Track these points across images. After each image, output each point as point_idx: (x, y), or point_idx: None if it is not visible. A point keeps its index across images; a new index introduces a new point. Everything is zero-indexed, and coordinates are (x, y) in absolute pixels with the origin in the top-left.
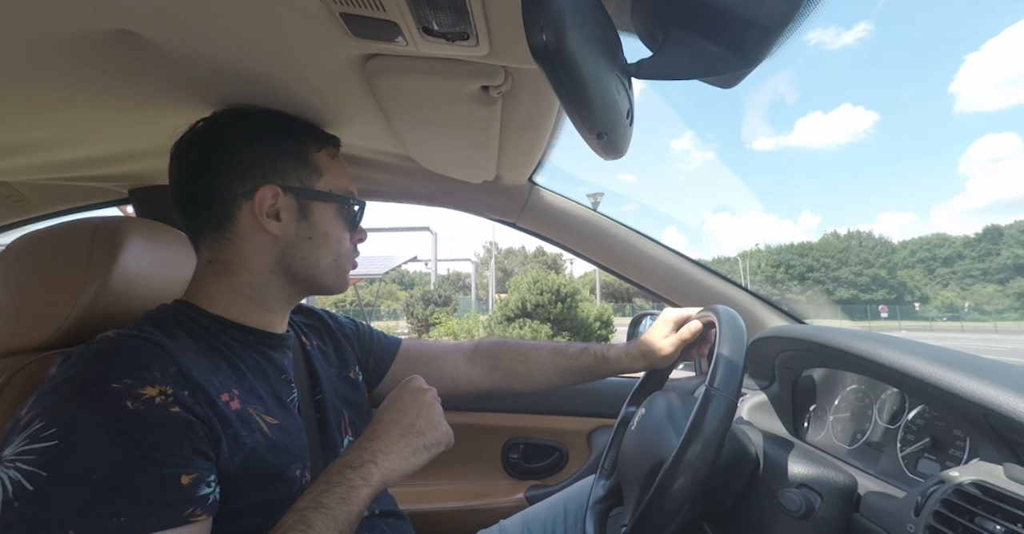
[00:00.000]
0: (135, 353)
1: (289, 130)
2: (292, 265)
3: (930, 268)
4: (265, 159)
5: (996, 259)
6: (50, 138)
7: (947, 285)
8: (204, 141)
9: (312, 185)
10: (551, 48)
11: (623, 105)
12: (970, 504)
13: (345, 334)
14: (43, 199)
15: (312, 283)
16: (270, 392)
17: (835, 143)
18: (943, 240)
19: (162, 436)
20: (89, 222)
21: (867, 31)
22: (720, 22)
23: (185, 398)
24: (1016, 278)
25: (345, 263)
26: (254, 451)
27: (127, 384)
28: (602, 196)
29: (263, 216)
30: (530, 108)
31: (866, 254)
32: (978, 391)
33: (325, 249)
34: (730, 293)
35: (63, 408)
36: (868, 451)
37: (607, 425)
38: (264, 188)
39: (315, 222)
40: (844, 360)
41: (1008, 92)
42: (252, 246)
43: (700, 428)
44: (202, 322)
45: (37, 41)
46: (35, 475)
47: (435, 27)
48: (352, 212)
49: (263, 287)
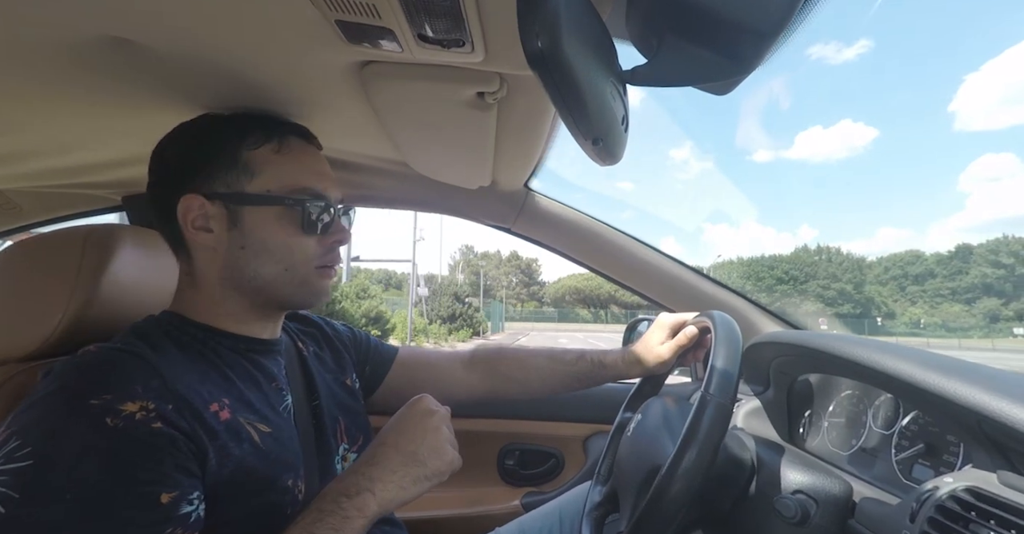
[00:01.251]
0: (117, 367)
1: (220, 130)
2: (236, 278)
3: (901, 286)
4: (190, 166)
5: (964, 278)
6: (43, 145)
7: (915, 303)
8: (154, 153)
9: (242, 188)
10: (546, 54)
11: (618, 111)
12: (964, 510)
13: (342, 341)
14: (36, 207)
15: (267, 297)
16: (262, 400)
17: (835, 158)
18: (915, 257)
19: (141, 453)
20: (80, 230)
21: (867, 47)
22: (714, 29)
23: (168, 412)
24: (982, 298)
25: (303, 272)
26: (243, 462)
27: (106, 400)
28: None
29: (190, 228)
30: (525, 114)
31: (834, 269)
32: (972, 397)
33: (265, 258)
34: (726, 298)
35: (39, 426)
36: (863, 457)
37: (603, 431)
38: (185, 197)
39: (247, 229)
40: (839, 366)
41: (1007, 112)
42: (200, 259)
43: (696, 434)
44: (189, 331)
45: (29, 48)
46: (7, 497)
47: (430, 34)
48: (305, 213)
49: (224, 300)
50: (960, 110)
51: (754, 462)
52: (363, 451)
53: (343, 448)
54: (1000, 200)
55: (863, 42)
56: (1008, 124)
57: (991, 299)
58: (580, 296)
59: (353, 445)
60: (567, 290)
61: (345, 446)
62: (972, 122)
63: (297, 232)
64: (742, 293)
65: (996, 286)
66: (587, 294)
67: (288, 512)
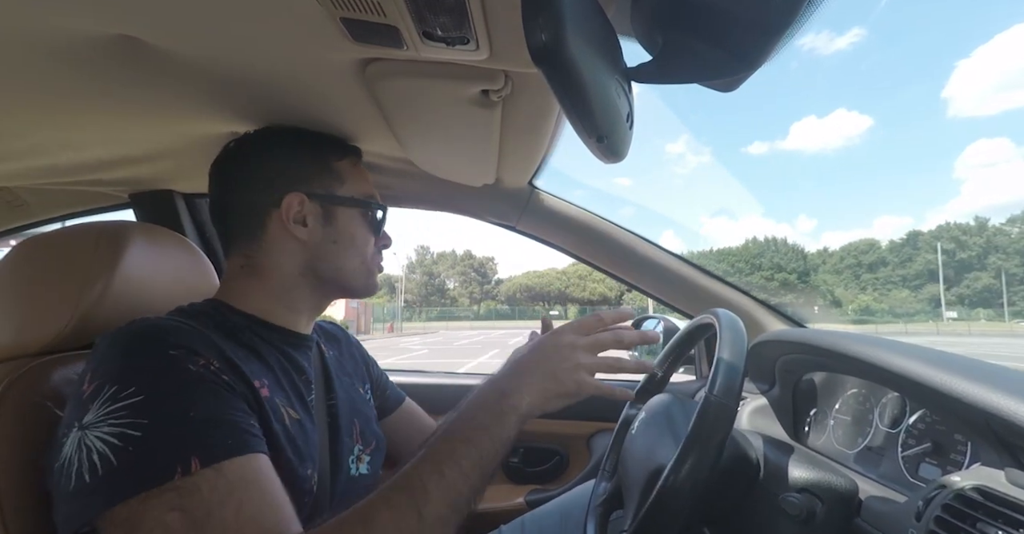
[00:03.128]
0: (177, 331)
1: (310, 142)
2: (319, 268)
3: (856, 274)
4: (289, 170)
5: (912, 265)
6: (51, 143)
7: (865, 289)
8: (235, 157)
9: (335, 191)
10: (551, 52)
11: (623, 109)
12: (972, 509)
13: (364, 356)
14: (44, 204)
15: (339, 285)
16: (293, 389)
17: (830, 147)
18: (869, 246)
19: (227, 390)
20: (92, 226)
21: (860, 36)
22: (719, 26)
23: (229, 374)
24: (927, 284)
25: (371, 266)
26: (277, 438)
27: (182, 352)
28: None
29: (290, 222)
30: (530, 112)
31: (779, 259)
32: (980, 395)
33: (352, 252)
34: (731, 296)
35: (133, 370)
36: (869, 455)
37: (607, 429)
38: (290, 196)
39: (340, 226)
40: (845, 364)
41: (999, 98)
42: (281, 251)
43: (700, 433)
44: (231, 318)
45: (38, 46)
46: (137, 424)
47: (435, 31)
48: (375, 217)
49: (292, 289)
50: (953, 97)
51: (760, 460)
52: (376, 455)
53: (358, 448)
54: (995, 185)
55: (856, 30)
56: (1000, 109)
57: (935, 285)
58: (531, 293)
59: (367, 447)
60: (518, 288)
61: (360, 447)
62: (965, 108)
63: (369, 232)
64: (747, 291)
65: (939, 272)
66: (538, 291)
67: (304, 501)
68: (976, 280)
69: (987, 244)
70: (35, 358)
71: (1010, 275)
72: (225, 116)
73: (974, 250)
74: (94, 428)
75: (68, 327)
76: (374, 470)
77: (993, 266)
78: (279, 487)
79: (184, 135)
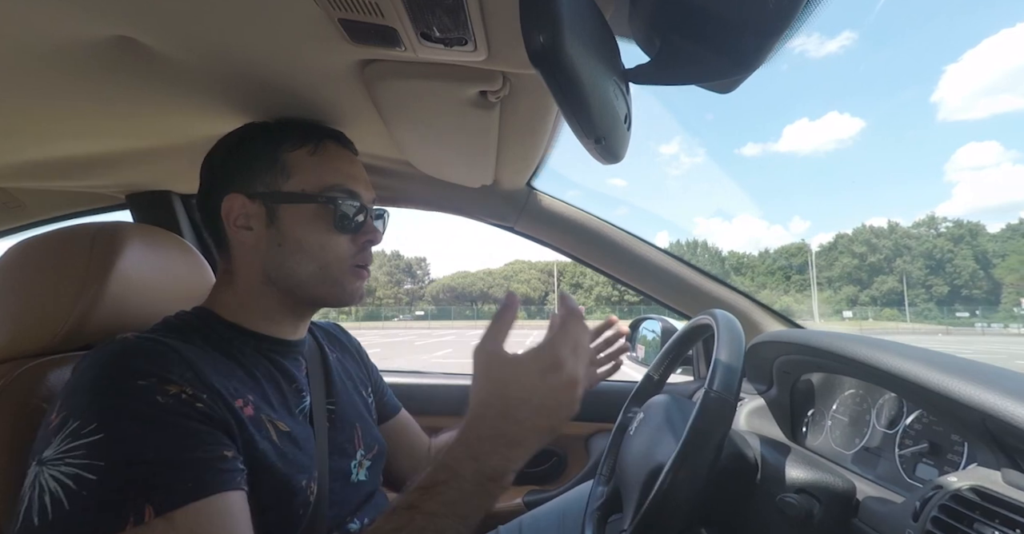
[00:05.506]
0: (154, 355)
1: (261, 134)
2: (273, 275)
3: (787, 274)
4: (233, 167)
5: (834, 268)
6: (47, 144)
7: (788, 292)
8: (205, 159)
9: (279, 187)
10: (549, 52)
11: (621, 110)
12: (968, 510)
13: (365, 361)
14: (40, 205)
15: (301, 295)
16: (281, 400)
17: (822, 149)
18: (798, 249)
19: (197, 421)
20: (88, 227)
21: (851, 39)
22: (717, 27)
23: (204, 400)
24: (846, 286)
25: (336, 271)
26: (265, 456)
27: (152, 381)
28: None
29: (232, 226)
30: (528, 113)
31: (696, 261)
32: (976, 396)
33: (300, 256)
34: (728, 297)
35: (97, 405)
36: (866, 456)
37: (605, 429)
38: (228, 197)
39: (284, 227)
40: (842, 365)
41: (988, 102)
42: (240, 257)
43: (698, 434)
44: (218, 329)
45: (34, 47)
46: (92, 466)
47: (433, 32)
48: (340, 212)
49: (259, 297)
50: (943, 100)
51: (758, 461)
52: (376, 461)
53: (360, 454)
54: (985, 188)
55: (846, 34)
56: (990, 113)
57: (851, 286)
58: (454, 294)
59: (368, 452)
60: (441, 289)
61: (362, 452)
62: (955, 112)
63: (330, 230)
64: (745, 292)
65: (854, 274)
66: (460, 292)
67: (301, 513)
68: (883, 283)
69: (895, 247)
70: (31, 359)
71: (912, 279)
72: (222, 117)
73: (883, 253)
74: (51, 466)
75: (64, 328)
76: (374, 476)
77: (899, 269)
78: (244, 529)
79: (181, 136)
